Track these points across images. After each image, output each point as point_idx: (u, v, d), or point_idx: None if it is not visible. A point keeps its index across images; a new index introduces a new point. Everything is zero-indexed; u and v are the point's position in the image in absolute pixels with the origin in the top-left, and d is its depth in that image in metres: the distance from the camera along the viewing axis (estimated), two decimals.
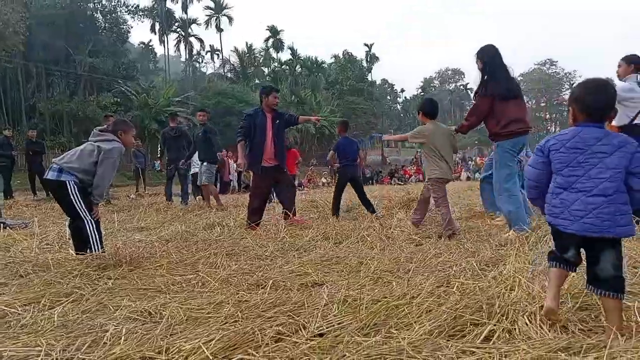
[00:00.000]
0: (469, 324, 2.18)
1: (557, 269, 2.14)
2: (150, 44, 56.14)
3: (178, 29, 53.46)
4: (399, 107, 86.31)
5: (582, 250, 2.16)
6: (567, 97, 2.66)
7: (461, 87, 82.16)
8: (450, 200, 6.69)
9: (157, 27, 50.23)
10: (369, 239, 4.72)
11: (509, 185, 4.55)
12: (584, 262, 2.17)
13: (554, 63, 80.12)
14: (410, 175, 27.96)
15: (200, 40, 56.87)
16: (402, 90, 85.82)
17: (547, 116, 79.29)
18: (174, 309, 2.55)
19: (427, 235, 4.84)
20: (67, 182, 3.91)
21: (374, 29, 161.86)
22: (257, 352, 1.92)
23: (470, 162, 31.98)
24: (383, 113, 63.51)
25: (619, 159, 1.98)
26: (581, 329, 2.15)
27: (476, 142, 51.91)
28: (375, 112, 50.72)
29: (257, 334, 2.09)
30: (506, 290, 2.54)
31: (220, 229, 5.49)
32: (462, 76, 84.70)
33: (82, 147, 4.14)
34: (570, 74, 79.34)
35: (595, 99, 2.09)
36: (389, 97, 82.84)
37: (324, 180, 24.87)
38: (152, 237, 5.04)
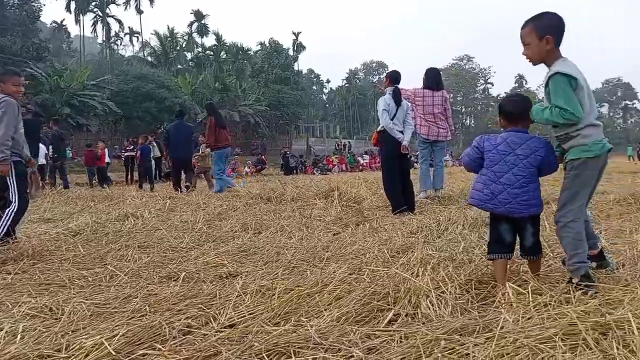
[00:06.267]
0: (375, 309, 2.26)
1: (500, 260, 2.56)
2: (64, 23, 52.64)
3: (95, 9, 50.43)
4: (324, 97, 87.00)
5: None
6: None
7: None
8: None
9: (72, 5, 47.15)
10: (288, 228, 4.75)
11: None
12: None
13: (471, 59, 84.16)
14: (334, 165, 28.30)
15: (119, 22, 54.16)
16: (328, 81, 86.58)
17: (463, 109, 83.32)
18: (77, 304, 2.43)
19: (345, 224, 4.95)
20: None
21: (302, 17, 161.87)
22: (163, 347, 1.88)
23: None
24: (309, 103, 63.64)
25: (533, 159, 2.52)
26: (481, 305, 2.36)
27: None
28: (302, 102, 50.63)
29: (165, 328, 2.05)
30: (412, 276, 2.66)
31: (133, 220, 5.28)
32: (386, 68, 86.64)
33: None
34: (485, 69, 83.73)
35: (513, 107, 2.63)
36: (315, 87, 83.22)
37: (247, 169, 24.61)
38: (59, 229, 4.74)
